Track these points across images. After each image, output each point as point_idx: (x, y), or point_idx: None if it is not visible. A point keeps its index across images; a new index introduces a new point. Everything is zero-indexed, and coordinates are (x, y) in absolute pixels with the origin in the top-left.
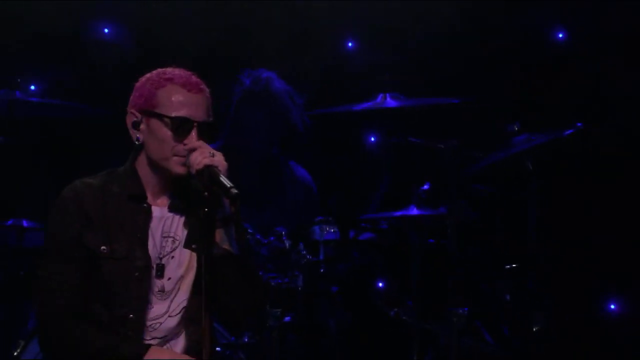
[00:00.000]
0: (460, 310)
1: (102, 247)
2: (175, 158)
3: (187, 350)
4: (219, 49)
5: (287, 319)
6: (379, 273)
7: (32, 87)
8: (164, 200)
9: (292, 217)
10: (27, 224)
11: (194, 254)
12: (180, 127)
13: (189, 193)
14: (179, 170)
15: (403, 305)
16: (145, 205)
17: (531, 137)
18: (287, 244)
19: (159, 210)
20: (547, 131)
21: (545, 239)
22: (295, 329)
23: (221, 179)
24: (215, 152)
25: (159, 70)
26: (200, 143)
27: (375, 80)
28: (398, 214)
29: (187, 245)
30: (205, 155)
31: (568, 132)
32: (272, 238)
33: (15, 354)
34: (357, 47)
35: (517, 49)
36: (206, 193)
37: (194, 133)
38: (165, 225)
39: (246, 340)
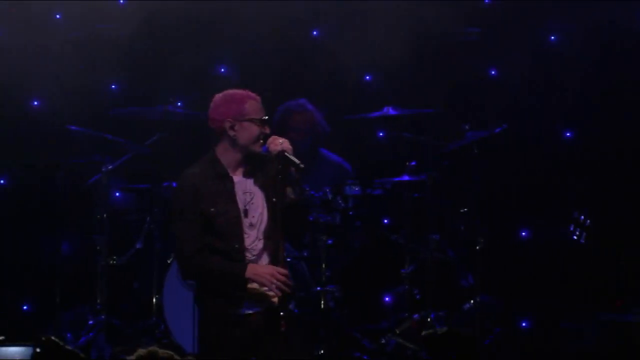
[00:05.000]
0: (434, 236)
1: (211, 209)
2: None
3: (270, 261)
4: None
5: (329, 241)
6: (385, 213)
7: (179, 103)
8: (239, 171)
9: (323, 183)
10: (176, 184)
11: (264, 199)
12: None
13: (258, 164)
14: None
15: (399, 232)
16: (228, 177)
17: (476, 133)
18: (330, 196)
19: (237, 177)
20: (486, 129)
21: (485, 193)
22: (334, 248)
23: (291, 158)
24: (282, 139)
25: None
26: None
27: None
28: (396, 179)
29: (267, 201)
30: (277, 144)
31: (498, 129)
32: (320, 193)
33: (168, 261)
34: (372, 80)
35: (466, 84)
36: (280, 166)
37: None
38: (243, 186)
39: (305, 254)
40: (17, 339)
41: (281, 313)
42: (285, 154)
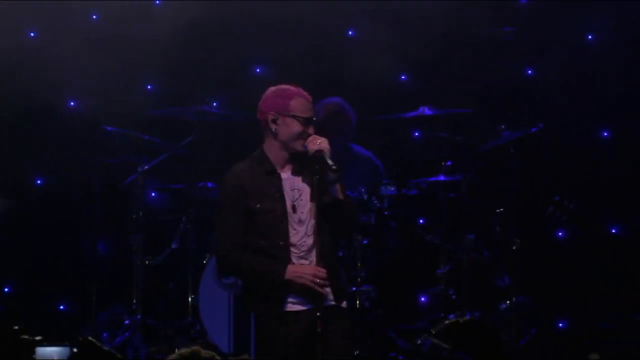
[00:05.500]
0: (470, 236)
1: (257, 206)
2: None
3: (319, 258)
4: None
5: (365, 241)
6: (420, 213)
7: (214, 104)
8: (287, 168)
9: (354, 177)
10: (211, 184)
11: (311, 197)
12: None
13: (306, 162)
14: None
15: (434, 232)
16: (276, 174)
17: (512, 133)
18: (365, 196)
19: (285, 174)
20: (521, 129)
21: (521, 193)
22: (369, 248)
23: (326, 159)
24: (321, 139)
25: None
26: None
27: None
28: (432, 179)
29: (312, 199)
30: (315, 143)
31: (534, 129)
32: (356, 193)
33: (204, 261)
34: (408, 80)
35: (501, 84)
36: (317, 166)
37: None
38: (291, 182)
39: (341, 254)
40: (55, 339)
41: (317, 314)
42: (322, 154)
